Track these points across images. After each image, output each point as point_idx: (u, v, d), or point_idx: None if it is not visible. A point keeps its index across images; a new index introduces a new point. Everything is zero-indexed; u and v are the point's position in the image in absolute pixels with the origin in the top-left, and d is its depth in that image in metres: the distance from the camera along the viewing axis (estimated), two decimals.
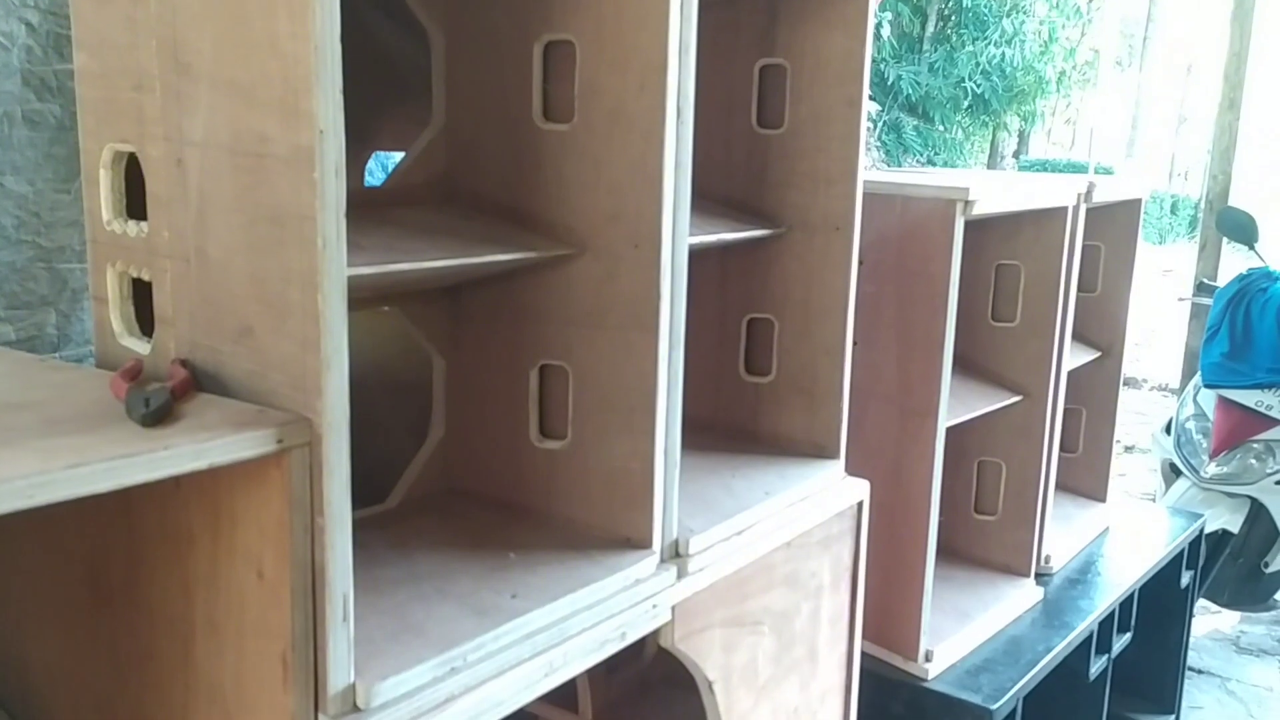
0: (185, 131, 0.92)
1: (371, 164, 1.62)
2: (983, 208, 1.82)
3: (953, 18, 15.10)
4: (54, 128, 1.77)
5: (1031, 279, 2.12)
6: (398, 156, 1.37)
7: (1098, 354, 2.53)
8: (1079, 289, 2.23)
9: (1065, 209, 2.06)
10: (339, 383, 0.83)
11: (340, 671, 0.86)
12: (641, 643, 1.60)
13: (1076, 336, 2.35)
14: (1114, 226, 2.49)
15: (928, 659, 1.92)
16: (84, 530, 0.99)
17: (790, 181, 1.49)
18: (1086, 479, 2.67)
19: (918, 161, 14.30)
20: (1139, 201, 2.49)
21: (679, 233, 1.14)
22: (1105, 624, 2.20)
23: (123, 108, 0.99)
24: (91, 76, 1.03)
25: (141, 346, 1.03)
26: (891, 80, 13.40)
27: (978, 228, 2.07)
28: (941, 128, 15.42)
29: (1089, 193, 2.14)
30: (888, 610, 1.89)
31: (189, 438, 0.78)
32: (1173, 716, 2.66)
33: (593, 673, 1.46)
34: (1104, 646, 2.21)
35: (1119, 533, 2.59)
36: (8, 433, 0.77)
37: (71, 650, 1.03)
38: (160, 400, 0.82)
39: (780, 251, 1.51)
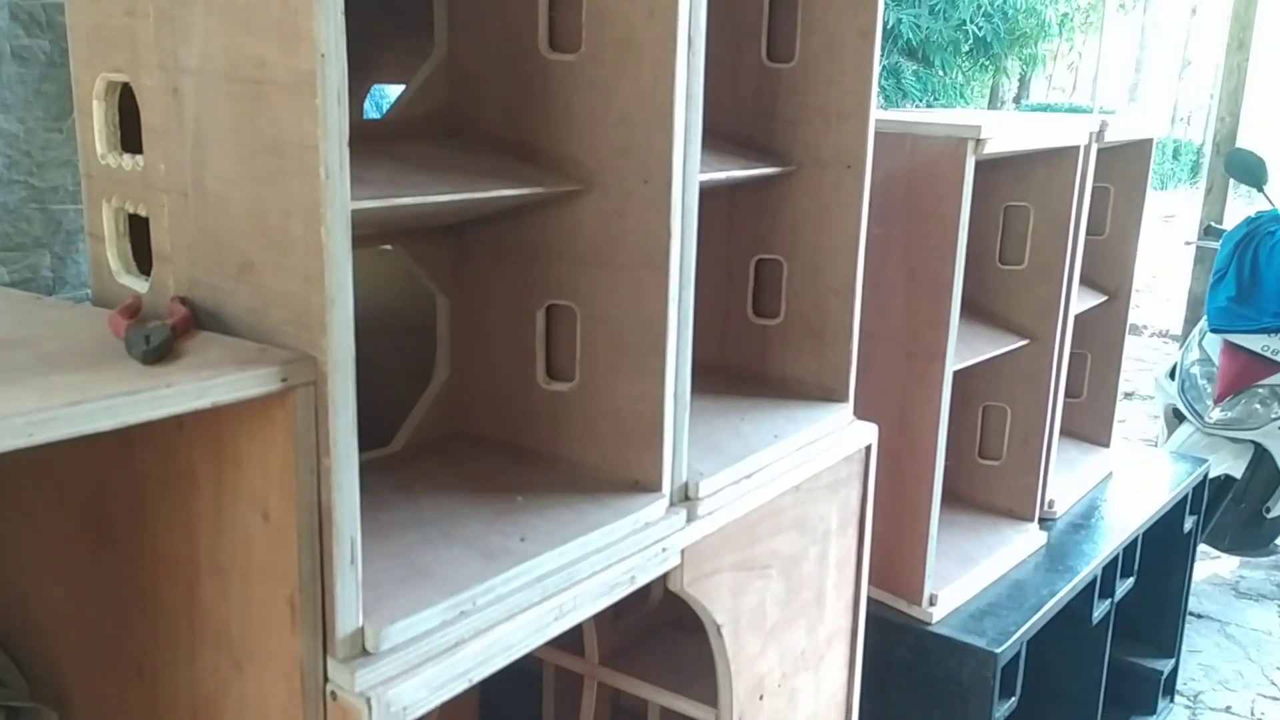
0: (180, 59, 0.88)
1: (366, 104, 1.58)
2: (994, 147, 1.78)
3: None
4: (44, 64, 1.72)
5: (1041, 220, 2.09)
6: (395, 91, 1.34)
7: (1104, 298, 2.51)
8: (1087, 231, 2.20)
9: (1077, 149, 2.02)
10: (344, 319, 0.81)
11: (349, 615, 0.85)
12: (648, 587, 1.59)
13: (1083, 280, 2.32)
14: (1124, 168, 2.45)
15: (932, 603, 1.92)
16: (86, 471, 0.97)
17: (800, 117, 1.45)
18: (1090, 424, 2.66)
19: (916, 107, 14.13)
20: (1150, 142, 2.45)
21: (690, 167, 1.11)
22: (1109, 569, 2.20)
23: (115, 35, 0.95)
24: (82, 2, 0.99)
25: (139, 284, 1.00)
26: (891, 24, 13.20)
27: (987, 168, 2.03)
28: (941, 72, 15.21)
29: (1101, 132, 2.10)
30: (892, 554, 1.89)
31: (191, 375, 0.75)
32: (1172, 660, 2.68)
33: (599, 616, 1.45)
34: (1107, 591, 2.21)
35: (1122, 478, 2.58)
36: (4, 370, 0.74)
37: (74, 592, 1.02)
38: (161, 337, 0.79)
39: (790, 190, 1.48)
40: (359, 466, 0.85)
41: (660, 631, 1.56)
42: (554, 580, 1.01)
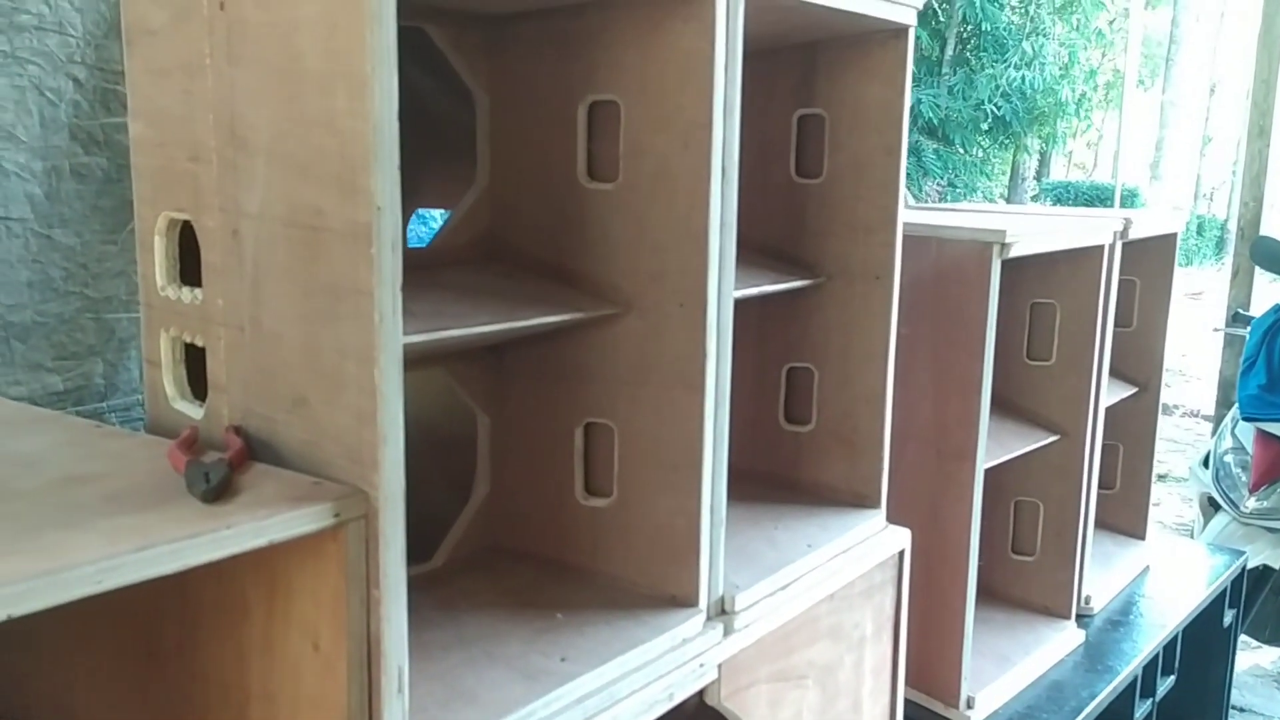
0: (241, 203, 0.93)
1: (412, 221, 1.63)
2: (1020, 249, 1.81)
3: (971, 40, 15.13)
4: (101, 180, 1.79)
5: (1068, 317, 2.11)
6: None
7: (1134, 389, 2.51)
8: (1115, 324, 2.21)
9: (1102, 247, 2.05)
10: (395, 456, 0.84)
11: None
12: None
13: (1113, 372, 2.33)
14: (1149, 260, 2.48)
15: (969, 705, 1.89)
16: (138, 595, 0.99)
17: (829, 230, 1.49)
18: (1125, 516, 2.64)
19: (938, 185, 14.28)
20: (1174, 236, 2.48)
21: (724, 290, 1.14)
22: (1149, 667, 2.17)
23: (178, 177, 1.00)
24: (148, 146, 1.04)
25: (194, 411, 1.04)
26: (911, 104, 13.40)
27: (1012, 266, 2.05)
28: (962, 150, 15.40)
29: (1125, 230, 2.13)
30: (927, 655, 1.87)
31: (249, 514, 0.78)
32: None
33: None
34: (1148, 690, 2.18)
35: (1160, 571, 2.55)
36: (73, 511, 0.77)
37: (123, 713, 1.03)
38: (220, 475, 0.82)
39: (820, 300, 1.51)
40: None
41: None
42: (594, 701, 1.02)
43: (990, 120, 14.75)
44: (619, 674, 1.05)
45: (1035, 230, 1.90)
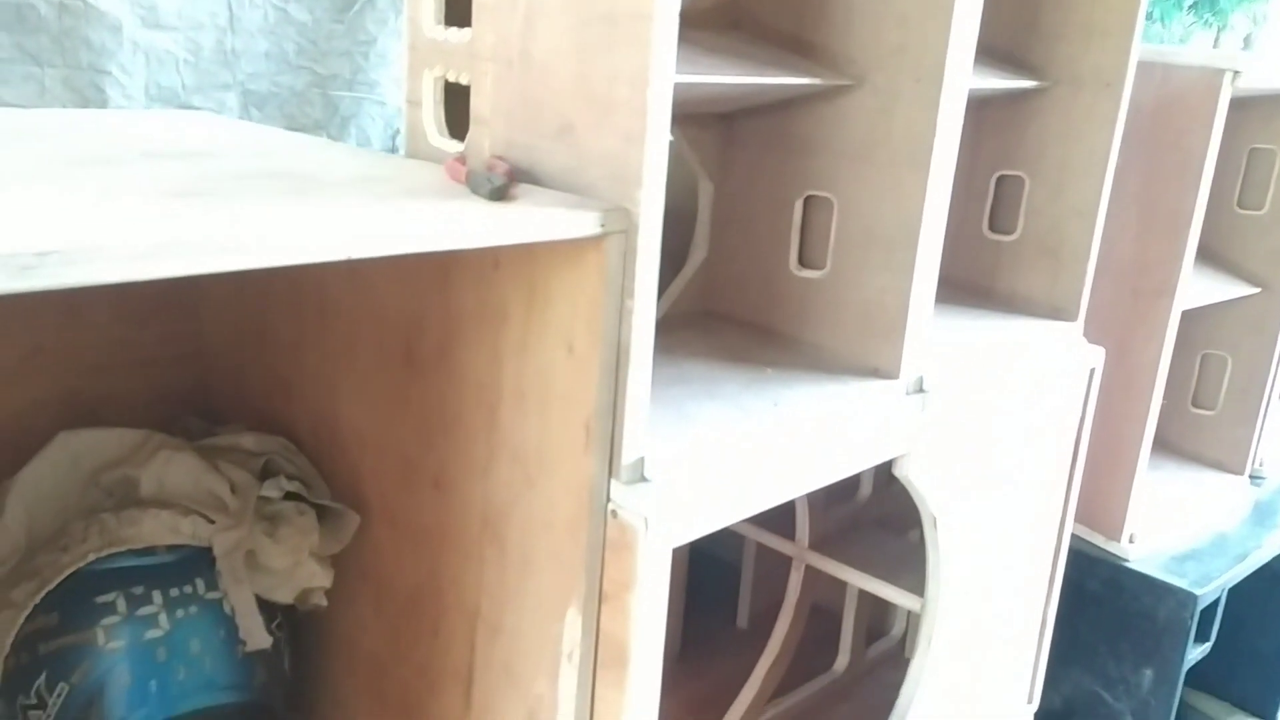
0: None
1: None
2: (1251, 82, 1.73)
3: None
4: None
5: None
6: None
7: None
8: None
9: None
10: (658, 175, 0.90)
11: (634, 443, 0.95)
12: (857, 480, 1.66)
13: None
14: None
15: (1131, 540, 1.92)
16: (402, 304, 1.10)
17: (1061, 33, 1.45)
18: None
19: None
20: None
21: (963, 70, 1.14)
22: None
23: None
24: None
25: (453, 147, 1.12)
26: None
27: (1235, 107, 1.95)
28: (1161, 25, 14.31)
29: None
30: (1093, 488, 1.88)
31: (531, 213, 0.86)
32: None
33: (813, 502, 1.54)
34: None
35: None
36: (381, 196, 0.87)
37: (381, 412, 1.16)
38: (500, 181, 0.90)
39: (1041, 106, 1.49)
40: None
41: (865, 529, 1.63)
42: (805, 442, 1.09)
43: None
44: (826, 424, 1.12)
45: (1270, 65, 1.80)
